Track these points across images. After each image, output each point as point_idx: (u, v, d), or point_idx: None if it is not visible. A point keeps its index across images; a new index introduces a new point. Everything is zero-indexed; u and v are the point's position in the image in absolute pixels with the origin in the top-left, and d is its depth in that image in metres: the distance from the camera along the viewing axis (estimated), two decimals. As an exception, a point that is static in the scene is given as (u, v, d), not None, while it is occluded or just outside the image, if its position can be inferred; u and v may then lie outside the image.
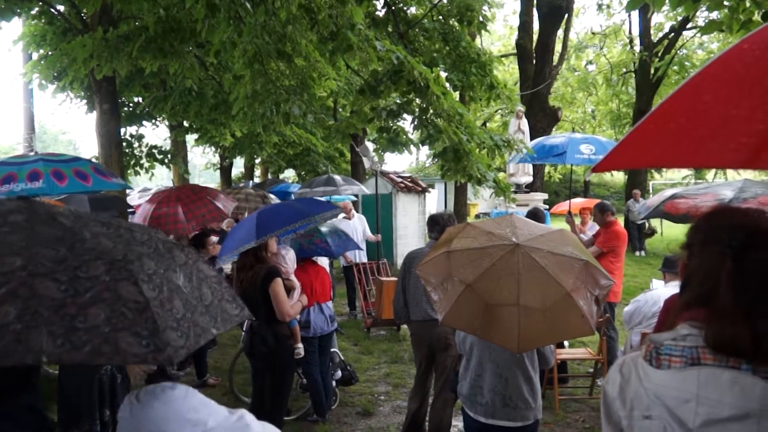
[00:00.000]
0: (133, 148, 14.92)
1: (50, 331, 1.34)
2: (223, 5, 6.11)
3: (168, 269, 1.67)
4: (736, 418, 1.28)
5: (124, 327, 1.42)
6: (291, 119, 7.69)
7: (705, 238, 1.46)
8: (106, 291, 1.48)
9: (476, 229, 3.40)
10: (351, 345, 8.78)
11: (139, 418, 1.63)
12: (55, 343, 1.33)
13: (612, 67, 24.57)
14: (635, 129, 1.36)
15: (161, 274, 1.62)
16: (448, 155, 7.20)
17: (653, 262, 15.45)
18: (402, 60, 6.71)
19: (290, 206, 5.43)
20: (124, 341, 1.39)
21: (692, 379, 1.34)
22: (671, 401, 1.36)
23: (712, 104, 1.29)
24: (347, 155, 20.16)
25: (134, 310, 1.46)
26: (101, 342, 1.37)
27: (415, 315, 5.13)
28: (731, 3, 4.95)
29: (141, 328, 1.44)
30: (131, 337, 1.41)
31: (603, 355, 6.30)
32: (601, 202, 7.53)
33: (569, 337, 5.43)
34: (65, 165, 5.86)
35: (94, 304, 1.43)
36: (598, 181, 41.29)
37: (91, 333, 1.37)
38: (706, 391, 1.32)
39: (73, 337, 1.35)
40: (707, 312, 1.39)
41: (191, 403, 1.67)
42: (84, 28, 8.59)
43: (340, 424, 5.96)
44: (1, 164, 5.71)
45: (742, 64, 1.24)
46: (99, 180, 6.00)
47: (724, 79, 1.28)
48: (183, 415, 1.63)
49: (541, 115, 17.34)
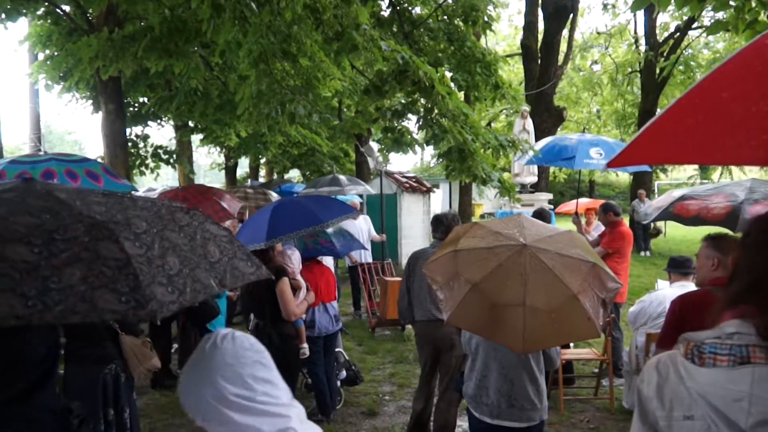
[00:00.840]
0: (139, 148, 14.97)
1: (21, 293, 1.33)
2: (228, 5, 6.12)
3: (165, 228, 1.66)
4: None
5: (102, 284, 1.40)
6: (296, 119, 7.68)
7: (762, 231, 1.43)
8: (84, 251, 1.47)
9: (484, 229, 3.40)
10: (356, 345, 8.78)
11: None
12: (25, 305, 1.32)
13: (617, 66, 24.48)
14: (651, 124, 1.34)
15: (154, 233, 1.61)
16: (453, 155, 7.19)
17: (658, 263, 15.41)
18: (407, 60, 6.71)
19: (305, 207, 5.13)
20: (102, 298, 1.38)
21: (745, 378, 1.29)
22: (719, 401, 1.31)
23: (731, 101, 1.27)
24: (352, 155, 20.16)
25: (114, 267, 1.45)
26: (76, 300, 1.36)
27: (419, 315, 5.11)
28: (737, 3, 4.93)
29: (121, 284, 1.42)
30: (109, 294, 1.39)
31: (608, 356, 6.28)
32: (606, 203, 7.51)
33: (575, 339, 5.42)
34: (77, 165, 5.91)
35: (69, 265, 1.42)
36: (603, 182, 41.20)
37: (64, 292, 1.36)
38: (760, 390, 1.26)
39: (44, 298, 1.34)
40: (756, 306, 1.33)
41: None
42: (90, 29, 8.62)
43: (344, 423, 5.97)
44: (13, 162, 5.75)
45: (760, 61, 1.24)
46: (109, 180, 6.06)
47: (743, 75, 1.26)
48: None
49: (546, 115, 17.31)
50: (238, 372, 1.61)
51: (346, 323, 9.63)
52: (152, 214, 1.71)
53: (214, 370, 1.61)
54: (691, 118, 1.32)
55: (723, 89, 1.28)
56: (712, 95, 1.29)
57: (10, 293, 1.33)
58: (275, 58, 7.00)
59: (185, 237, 1.68)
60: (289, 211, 4.99)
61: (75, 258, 1.45)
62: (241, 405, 1.58)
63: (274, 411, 1.61)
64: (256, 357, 1.66)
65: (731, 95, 1.27)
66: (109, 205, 1.69)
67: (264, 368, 1.66)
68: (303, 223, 4.80)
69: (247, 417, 1.58)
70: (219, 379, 1.60)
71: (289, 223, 4.78)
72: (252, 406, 1.59)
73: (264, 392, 1.62)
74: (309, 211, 4.95)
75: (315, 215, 4.88)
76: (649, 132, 1.36)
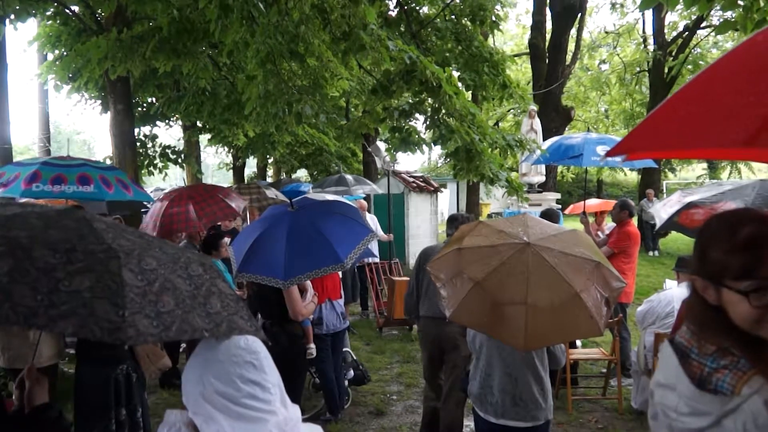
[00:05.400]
0: (147, 149, 15.02)
1: (34, 287, 1.43)
2: (236, 6, 6.14)
3: (173, 273, 1.73)
4: None
5: (104, 296, 1.50)
6: (303, 119, 7.70)
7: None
8: (98, 265, 1.58)
9: (488, 228, 3.41)
10: (363, 344, 8.79)
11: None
12: (34, 298, 1.42)
13: (625, 66, 24.41)
14: (649, 116, 1.39)
15: (160, 273, 1.68)
16: (461, 155, 7.19)
17: (667, 262, 15.37)
18: (414, 60, 6.72)
19: (321, 238, 4.58)
20: (101, 308, 1.47)
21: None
22: None
23: (723, 95, 1.31)
24: (359, 155, 20.18)
25: (113, 287, 1.55)
26: (78, 305, 1.46)
27: (425, 310, 5.09)
28: (745, 2, 4.91)
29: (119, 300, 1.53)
30: (108, 306, 1.49)
31: (616, 356, 6.27)
32: (624, 200, 7.47)
33: (577, 337, 5.41)
34: (108, 173, 6.01)
35: (81, 273, 1.53)
36: (611, 181, 41.08)
37: (71, 296, 1.46)
38: None
39: (53, 296, 1.44)
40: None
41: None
42: (98, 29, 8.65)
43: (352, 423, 5.98)
44: (47, 165, 5.76)
45: (754, 56, 1.26)
46: (137, 192, 6.22)
47: (736, 70, 1.30)
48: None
49: (554, 114, 17.29)
50: (227, 370, 1.64)
51: (354, 323, 9.65)
52: (169, 258, 1.79)
53: (205, 367, 1.65)
54: (685, 111, 1.36)
55: (717, 83, 1.32)
56: (706, 89, 1.33)
57: (24, 285, 1.43)
58: (283, 58, 7.02)
59: (191, 285, 1.75)
60: (305, 241, 4.56)
61: (88, 269, 1.55)
62: (222, 404, 1.60)
63: (252, 416, 1.62)
64: (249, 358, 1.68)
65: (724, 90, 1.30)
66: (136, 242, 1.78)
67: (255, 370, 1.67)
68: (322, 262, 4.46)
69: (224, 418, 1.60)
70: (208, 375, 1.63)
71: (306, 259, 4.45)
72: (231, 407, 1.61)
73: (249, 394, 1.63)
74: (327, 245, 4.53)
75: (334, 252, 4.48)
76: (646, 123, 1.42)
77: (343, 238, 4.61)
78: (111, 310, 1.47)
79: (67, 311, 1.43)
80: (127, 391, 3.94)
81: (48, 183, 5.45)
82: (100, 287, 1.51)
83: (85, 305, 1.45)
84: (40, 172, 5.53)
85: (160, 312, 1.56)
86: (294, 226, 4.59)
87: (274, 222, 4.70)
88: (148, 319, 1.52)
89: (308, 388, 6.42)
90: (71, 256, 1.56)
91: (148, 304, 1.56)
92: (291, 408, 1.75)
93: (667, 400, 1.57)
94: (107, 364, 3.89)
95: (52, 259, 1.53)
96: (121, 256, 1.62)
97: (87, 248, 1.62)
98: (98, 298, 1.48)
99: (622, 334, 6.65)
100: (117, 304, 1.49)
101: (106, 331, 1.44)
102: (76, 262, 1.55)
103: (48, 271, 1.49)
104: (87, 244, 1.64)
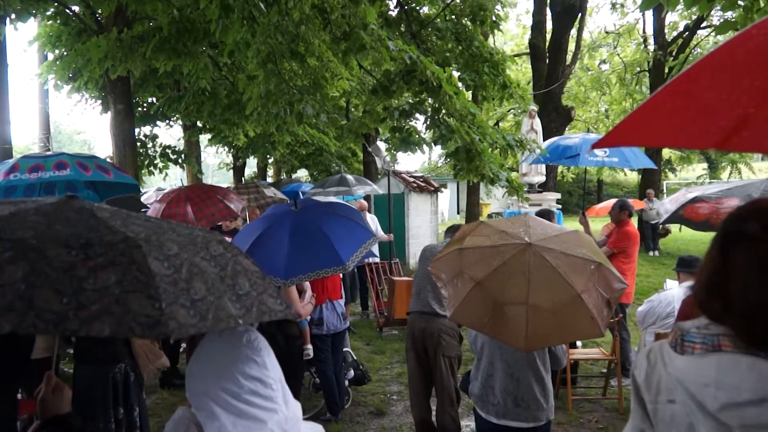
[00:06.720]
0: (147, 148, 15.05)
1: (57, 289, 1.35)
2: (236, 6, 6.14)
3: (196, 255, 1.66)
4: (753, 402, 1.30)
5: (137, 289, 1.42)
6: (304, 119, 7.69)
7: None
8: (120, 256, 1.49)
9: (489, 228, 3.41)
10: (363, 344, 8.79)
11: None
12: (60, 302, 1.33)
13: (626, 66, 24.41)
14: (636, 109, 1.40)
15: (184, 258, 1.61)
16: (461, 155, 7.18)
17: (667, 262, 15.36)
18: (414, 60, 6.71)
19: (323, 237, 4.56)
20: (136, 302, 1.39)
21: (712, 365, 1.37)
22: (692, 386, 1.40)
23: (706, 89, 1.31)
24: (360, 155, 20.17)
25: (143, 279, 1.47)
26: (111, 302, 1.37)
27: (414, 306, 5.02)
28: (745, 3, 4.91)
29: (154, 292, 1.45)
30: (144, 299, 1.41)
31: (616, 356, 6.27)
32: (623, 200, 7.48)
33: (578, 338, 5.40)
34: (87, 159, 6.03)
35: (105, 268, 1.44)
36: (611, 181, 41.08)
37: (99, 293, 1.38)
38: (724, 376, 1.34)
39: (80, 297, 1.36)
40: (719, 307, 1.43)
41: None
42: (99, 29, 8.66)
43: (352, 423, 5.98)
44: (25, 158, 5.89)
45: (744, 50, 1.26)
46: (118, 174, 6.15)
47: (723, 64, 1.30)
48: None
49: (555, 114, 17.26)
50: (228, 366, 1.63)
51: (354, 323, 9.65)
52: (186, 239, 1.71)
53: (208, 362, 1.64)
54: (670, 104, 1.37)
55: (702, 77, 1.32)
56: (692, 83, 1.33)
57: (46, 289, 1.34)
58: (283, 58, 7.01)
59: (216, 267, 1.67)
60: (308, 241, 4.54)
61: (110, 262, 1.46)
62: (224, 400, 1.60)
63: (253, 413, 1.62)
64: (252, 354, 1.67)
65: (708, 84, 1.31)
66: (146, 227, 1.70)
67: (257, 366, 1.66)
68: (323, 263, 4.43)
69: (226, 416, 1.60)
70: (211, 371, 1.62)
71: (308, 259, 4.43)
72: (233, 403, 1.60)
73: (251, 390, 1.63)
74: (329, 247, 4.50)
75: (336, 253, 4.46)
76: (633, 116, 1.42)
77: (345, 240, 4.58)
78: (147, 303, 1.39)
79: (98, 311, 1.34)
80: (124, 390, 3.94)
81: (26, 172, 5.50)
82: (128, 280, 1.42)
83: (118, 302, 1.37)
84: (18, 164, 5.60)
85: (194, 300, 1.49)
86: (297, 226, 4.56)
87: (277, 221, 4.67)
88: (184, 309, 1.45)
89: (308, 388, 6.42)
90: (88, 251, 1.47)
91: (181, 292, 1.48)
92: (292, 406, 1.75)
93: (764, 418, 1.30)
94: (106, 363, 3.88)
95: (69, 257, 1.43)
96: (141, 244, 1.53)
97: (103, 240, 1.52)
98: (130, 293, 1.40)
99: (622, 335, 6.64)
100: (151, 296, 1.40)
101: (146, 327, 1.35)
102: (95, 256, 1.46)
103: (67, 270, 1.40)
104: (101, 236, 1.54)
